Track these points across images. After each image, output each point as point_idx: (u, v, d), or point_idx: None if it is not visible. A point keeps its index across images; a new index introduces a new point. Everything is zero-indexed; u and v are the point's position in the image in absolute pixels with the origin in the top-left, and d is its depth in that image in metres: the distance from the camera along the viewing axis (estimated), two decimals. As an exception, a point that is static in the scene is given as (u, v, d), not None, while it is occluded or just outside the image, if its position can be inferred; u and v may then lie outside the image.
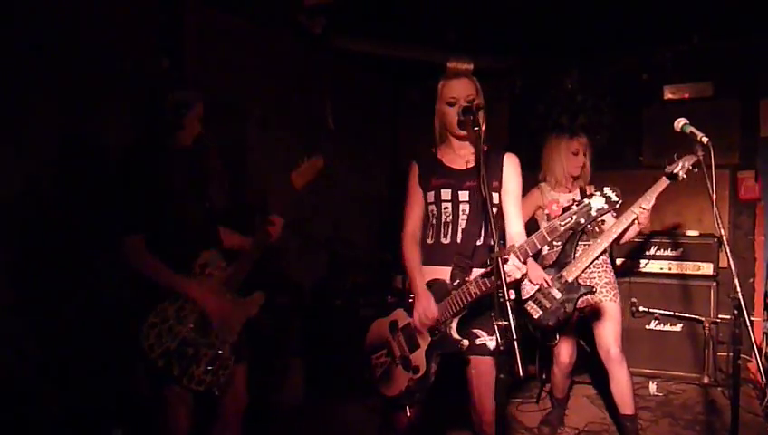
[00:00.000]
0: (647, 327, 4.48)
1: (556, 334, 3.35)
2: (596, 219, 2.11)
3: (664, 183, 3.07)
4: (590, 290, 3.19)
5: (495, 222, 2.06)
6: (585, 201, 2.00)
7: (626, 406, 3.20)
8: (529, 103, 5.82)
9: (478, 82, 2.38)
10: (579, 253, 3.28)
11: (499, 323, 1.82)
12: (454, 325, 2.29)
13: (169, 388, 2.29)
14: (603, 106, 5.38)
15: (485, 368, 2.34)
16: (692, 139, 2.49)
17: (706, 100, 5.15)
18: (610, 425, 3.67)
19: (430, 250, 2.41)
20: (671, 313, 4.42)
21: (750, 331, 2.23)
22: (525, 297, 3.33)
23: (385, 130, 6.32)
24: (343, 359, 4.11)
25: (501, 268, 1.90)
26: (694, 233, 4.61)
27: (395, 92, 6.41)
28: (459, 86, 2.34)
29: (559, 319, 3.21)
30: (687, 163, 2.93)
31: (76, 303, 3.05)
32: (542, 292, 3.25)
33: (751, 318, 2.24)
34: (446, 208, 2.37)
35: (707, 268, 4.46)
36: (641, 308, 4.40)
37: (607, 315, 3.25)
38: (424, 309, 2.28)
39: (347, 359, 4.04)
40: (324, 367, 4.19)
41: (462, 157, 2.42)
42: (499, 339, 1.82)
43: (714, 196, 2.39)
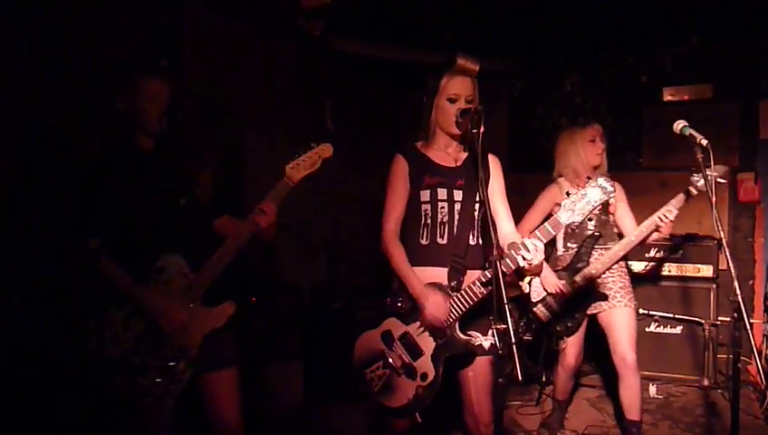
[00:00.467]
0: (646, 329, 4.47)
1: (564, 339, 3.29)
2: (593, 211, 2.16)
3: (684, 198, 3.05)
4: (603, 297, 3.14)
5: (491, 222, 2.05)
6: (581, 191, 2.02)
7: (633, 412, 3.15)
8: (528, 105, 5.82)
9: (477, 84, 2.37)
10: (595, 257, 3.20)
11: (498, 326, 1.81)
12: (457, 327, 2.27)
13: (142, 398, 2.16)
14: (602, 108, 5.38)
15: (482, 369, 2.32)
16: (691, 141, 2.49)
17: (706, 102, 5.17)
18: (610, 428, 3.67)
19: (426, 251, 2.36)
20: (671, 315, 4.42)
21: (750, 333, 2.22)
22: (535, 300, 3.28)
23: (384, 132, 6.30)
24: (343, 361, 4.08)
25: (499, 271, 1.90)
26: (693, 235, 4.59)
27: (394, 94, 6.40)
28: (463, 85, 2.33)
29: (568, 325, 3.19)
30: (710, 176, 2.59)
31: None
32: (554, 296, 3.21)
33: (751, 320, 2.22)
34: (443, 208, 2.34)
35: (707, 270, 4.45)
36: (641, 310, 4.38)
37: (621, 321, 3.16)
38: (435, 303, 2.24)
39: (346, 361, 4.02)
40: (323, 370, 4.18)
41: (450, 154, 2.41)
42: (498, 343, 1.81)
43: (713, 198, 2.39)
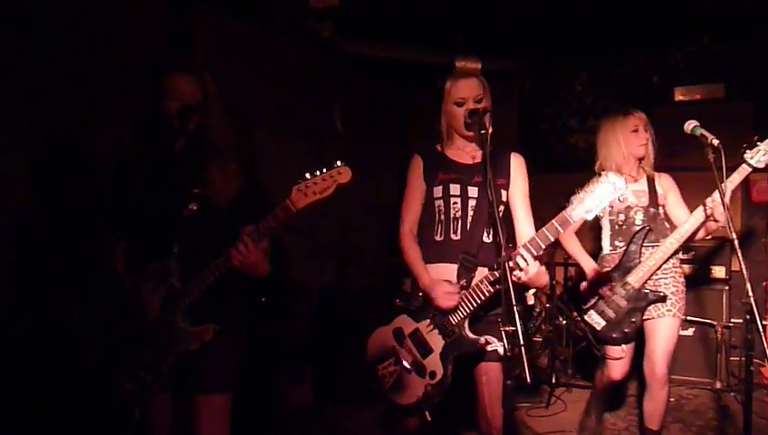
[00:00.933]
0: (658, 331, 4.42)
1: (622, 348, 2.96)
2: (604, 207, 2.03)
3: (745, 171, 2.68)
4: (661, 298, 2.88)
5: (503, 222, 2.03)
6: (590, 187, 1.97)
7: (654, 422, 3.04)
8: (538, 106, 5.80)
9: (486, 82, 2.35)
10: (645, 256, 2.91)
11: (506, 328, 1.81)
12: (467, 326, 2.26)
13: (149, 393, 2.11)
14: (613, 108, 5.34)
15: (495, 374, 2.30)
16: (702, 141, 2.46)
17: (718, 101, 5.12)
18: (621, 431, 3.64)
19: (440, 247, 2.35)
20: (683, 316, 4.37)
21: (762, 335, 2.20)
22: (586, 307, 3.00)
23: (394, 134, 6.31)
24: (352, 363, 4.10)
25: (508, 271, 1.89)
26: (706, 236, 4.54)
27: (404, 96, 6.40)
28: (468, 86, 2.31)
29: (625, 331, 2.90)
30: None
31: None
32: (606, 301, 2.92)
33: (763, 322, 2.21)
34: (455, 204, 2.33)
35: (720, 272, 4.41)
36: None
37: (663, 331, 2.94)
38: (443, 290, 2.22)
39: (356, 363, 4.02)
40: (333, 371, 4.18)
41: (468, 153, 2.40)
42: (506, 345, 1.81)
43: (726, 198, 2.37)
